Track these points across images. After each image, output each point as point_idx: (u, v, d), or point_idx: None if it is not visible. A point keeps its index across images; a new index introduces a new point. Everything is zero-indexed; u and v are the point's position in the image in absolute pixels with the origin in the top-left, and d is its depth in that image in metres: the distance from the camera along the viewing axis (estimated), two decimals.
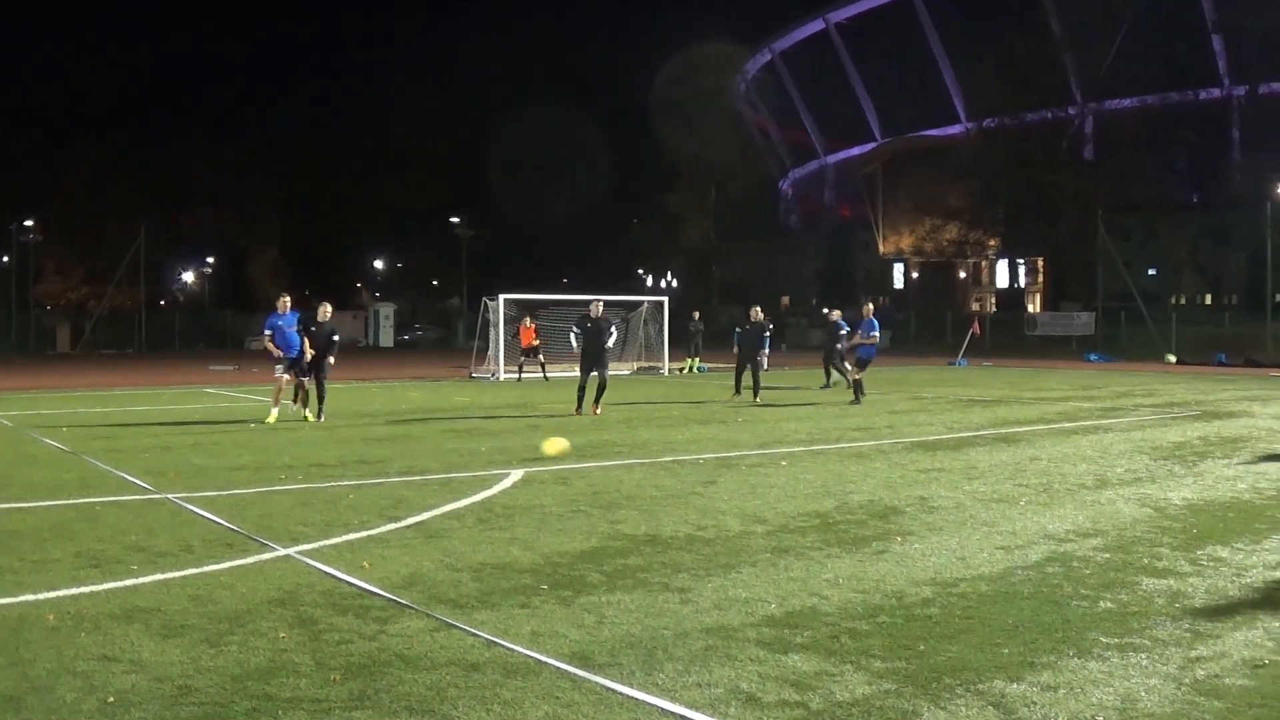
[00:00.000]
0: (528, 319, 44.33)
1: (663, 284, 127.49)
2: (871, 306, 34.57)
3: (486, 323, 46.53)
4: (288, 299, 26.33)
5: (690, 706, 7.04)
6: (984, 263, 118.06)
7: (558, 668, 7.80)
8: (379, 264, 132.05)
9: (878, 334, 33.10)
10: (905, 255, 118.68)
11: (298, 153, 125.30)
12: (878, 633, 8.67)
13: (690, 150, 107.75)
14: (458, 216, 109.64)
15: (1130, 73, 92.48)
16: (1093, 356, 72.61)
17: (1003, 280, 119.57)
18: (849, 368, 34.05)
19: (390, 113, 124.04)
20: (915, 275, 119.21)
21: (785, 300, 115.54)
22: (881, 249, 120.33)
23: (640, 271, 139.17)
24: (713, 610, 9.28)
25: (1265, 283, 73.38)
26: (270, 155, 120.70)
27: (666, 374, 48.65)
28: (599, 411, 27.47)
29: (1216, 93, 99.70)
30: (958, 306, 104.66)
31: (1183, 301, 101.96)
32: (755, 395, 31.91)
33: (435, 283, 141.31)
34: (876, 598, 9.70)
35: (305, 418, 26.05)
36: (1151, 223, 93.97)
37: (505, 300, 45.60)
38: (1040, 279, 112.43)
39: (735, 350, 32.74)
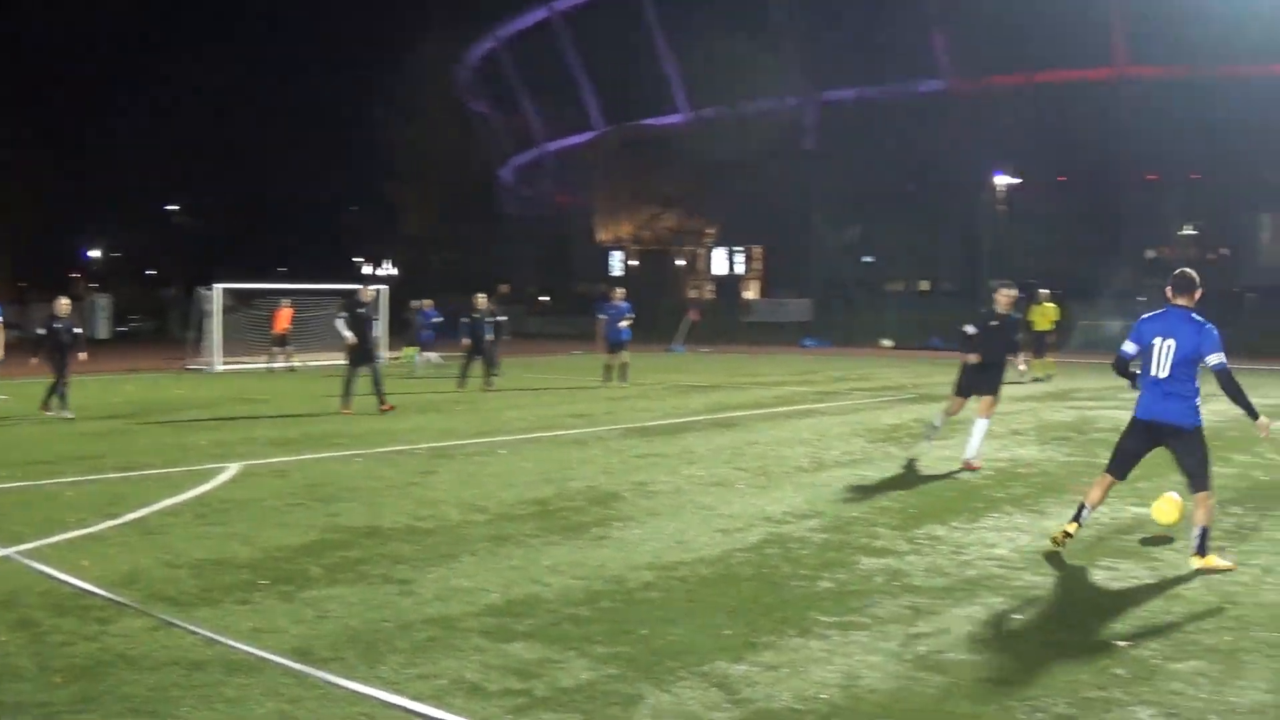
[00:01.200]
0: (285, 302, 42.99)
1: (379, 272, 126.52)
2: (623, 291, 34.64)
3: (203, 313, 45.57)
4: None
5: (415, 698, 6.99)
6: (701, 250, 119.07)
7: (280, 664, 7.68)
8: (95, 253, 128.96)
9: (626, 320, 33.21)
10: (624, 243, 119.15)
11: (7, 139, 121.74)
12: (599, 618, 8.68)
13: (410, 137, 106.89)
14: (175, 205, 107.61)
15: (850, 64, 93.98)
16: (809, 342, 73.67)
17: (720, 268, 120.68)
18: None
19: (103, 100, 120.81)
20: (634, 263, 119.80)
21: (504, 288, 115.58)
22: (600, 237, 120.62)
23: (358, 260, 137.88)
24: (434, 601, 9.21)
25: (979, 270, 75.14)
26: None
27: (385, 363, 48.24)
28: (388, 408, 25.46)
29: (936, 85, 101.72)
30: (675, 294, 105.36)
31: (899, 288, 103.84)
32: (487, 381, 31.83)
33: (153, 272, 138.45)
34: (597, 583, 9.71)
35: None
36: (868, 211, 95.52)
37: (222, 290, 44.55)
38: (757, 266, 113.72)
39: (465, 340, 32.51)
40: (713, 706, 6.85)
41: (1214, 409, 12.32)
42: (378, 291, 27.47)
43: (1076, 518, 11.44)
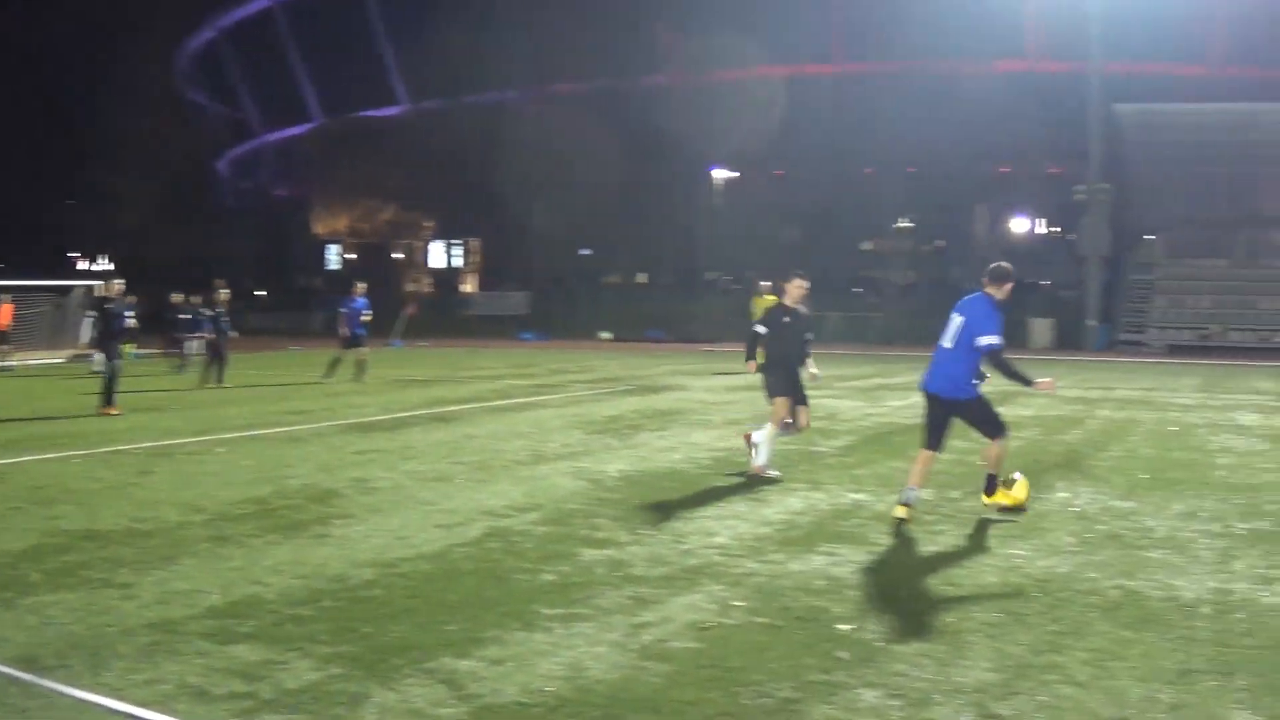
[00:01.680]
0: (6, 298, 41.15)
1: (94, 267, 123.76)
2: (364, 286, 34.33)
3: None
4: None
5: (140, 704, 6.81)
6: (420, 244, 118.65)
7: (4, 673, 7.41)
8: None
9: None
10: (342, 236, 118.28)
11: None
12: (322, 617, 8.56)
13: (126, 128, 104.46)
14: None
15: (572, 56, 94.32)
16: (527, 335, 73.88)
17: (439, 261, 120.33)
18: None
19: None
20: (351, 256, 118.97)
21: (220, 283, 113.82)
22: (319, 230, 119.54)
23: (74, 255, 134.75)
24: (155, 605, 8.98)
25: (697, 262, 76.00)
26: None
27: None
28: (116, 411, 24.95)
29: (659, 78, 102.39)
30: (393, 288, 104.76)
31: (617, 280, 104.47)
32: (219, 379, 31.36)
33: None
34: (319, 582, 9.57)
35: None
36: (586, 203, 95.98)
37: None
38: (476, 259, 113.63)
39: (206, 336, 31.98)
40: (439, 703, 6.80)
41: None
42: (121, 284, 26.65)
43: (991, 488, 12.78)
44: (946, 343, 12.43)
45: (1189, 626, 8.56)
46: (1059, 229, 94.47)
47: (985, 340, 12.14)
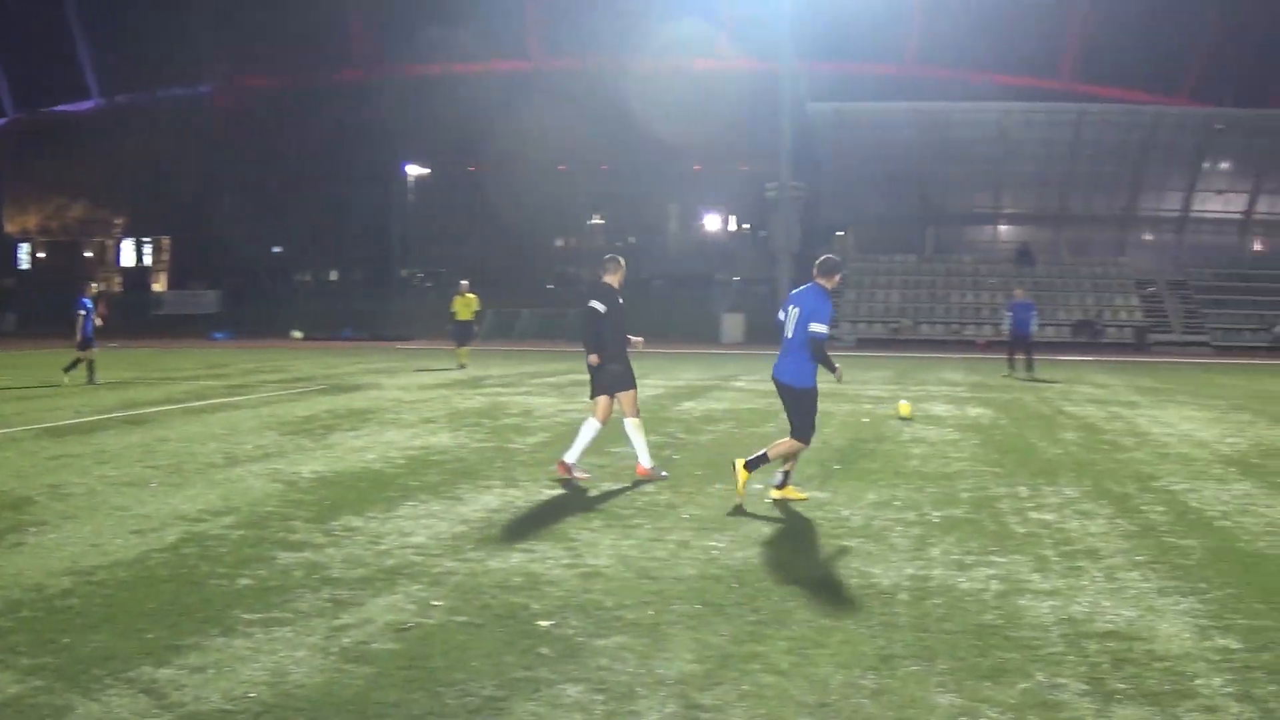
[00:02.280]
0: None
1: None
2: (96, 286, 33.53)
3: None
4: None
5: None
6: (110, 242, 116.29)
7: None
8: None
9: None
10: (31, 235, 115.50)
11: None
12: (20, 629, 8.33)
13: None
14: None
15: (266, 51, 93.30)
16: (219, 335, 72.83)
17: (129, 259, 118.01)
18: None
19: None
20: (41, 255, 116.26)
21: None
22: (7, 228, 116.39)
23: None
24: None
25: (391, 259, 75.70)
26: None
27: None
28: None
29: (354, 73, 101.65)
30: (81, 287, 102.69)
31: (309, 278, 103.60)
32: None
33: None
34: (15, 592, 9.31)
35: None
36: (278, 200, 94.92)
37: None
38: (166, 258, 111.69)
39: None
40: (142, 713, 6.66)
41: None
42: None
43: (782, 484, 13.49)
44: (789, 333, 13.31)
45: (888, 613, 8.78)
46: (749, 226, 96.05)
47: (814, 328, 12.93)
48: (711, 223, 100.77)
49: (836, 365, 13.13)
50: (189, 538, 11.36)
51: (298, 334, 70.42)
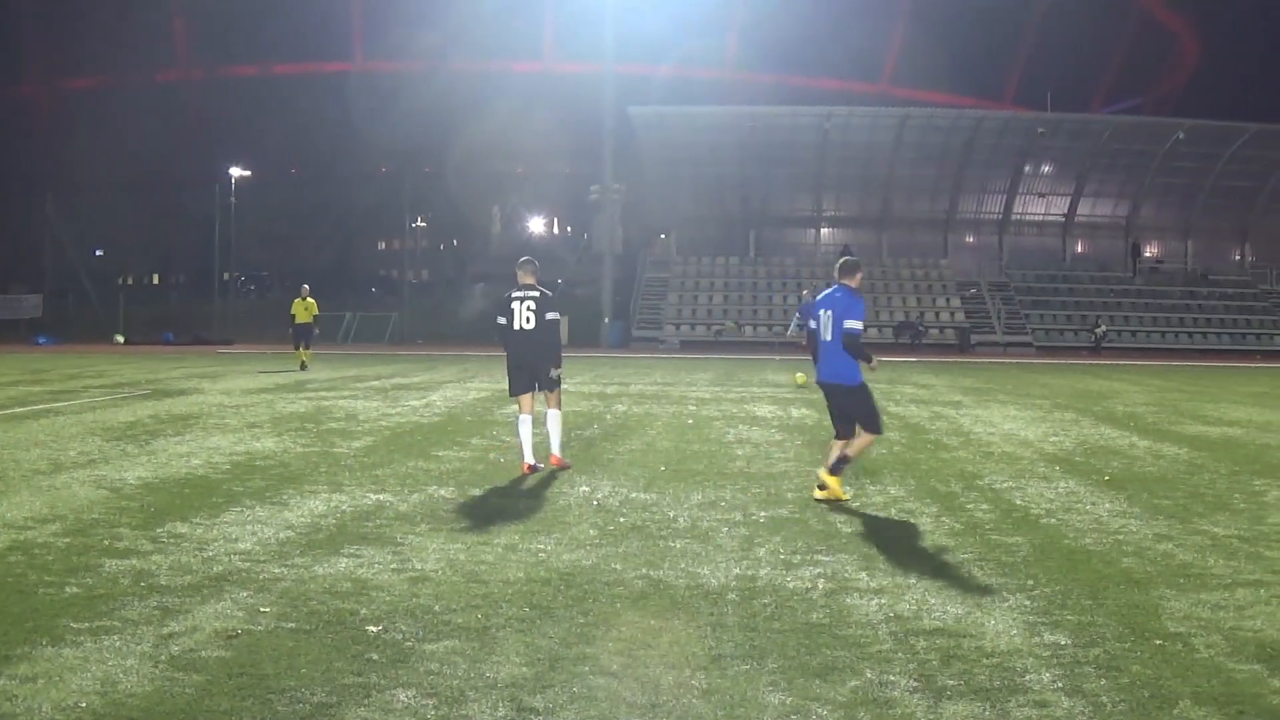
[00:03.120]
0: None
1: None
2: None
3: None
4: None
5: None
6: None
7: None
8: None
9: None
10: None
11: None
12: None
13: None
14: None
15: (90, 50, 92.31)
16: (42, 340, 71.76)
17: None
18: None
19: None
20: None
21: None
22: None
23: None
24: None
25: (213, 262, 74.98)
26: None
27: None
28: None
29: (176, 73, 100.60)
30: None
31: (130, 281, 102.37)
32: None
33: None
34: None
35: None
36: (104, 202, 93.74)
37: None
38: None
39: None
40: None
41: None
42: None
43: (837, 468, 13.83)
44: (826, 336, 13.93)
45: (716, 613, 8.84)
46: (571, 228, 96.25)
47: (849, 324, 13.55)
48: (534, 225, 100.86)
49: (872, 357, 13.87)
50: (15, 545, 11.17)
51: (120, 338, 69.55)
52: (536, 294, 15.91)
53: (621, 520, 12.46)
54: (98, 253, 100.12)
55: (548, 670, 7.45)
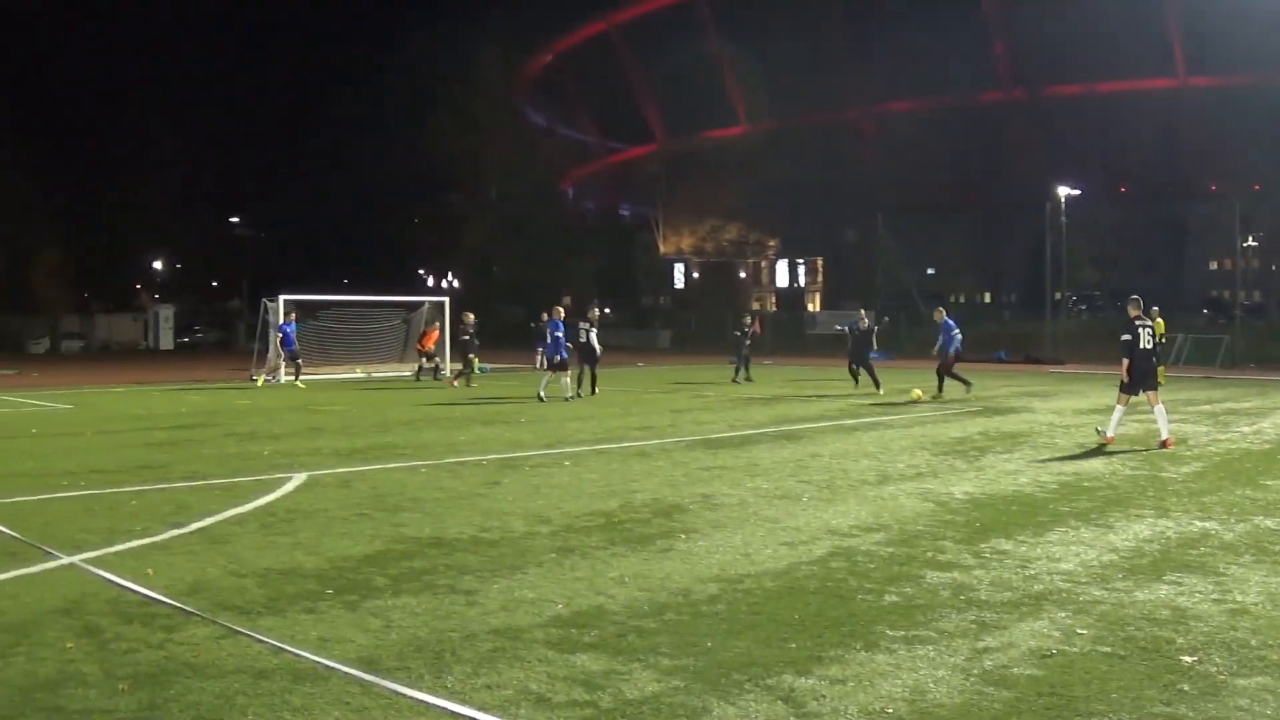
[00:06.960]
0: (435, 323, 44.90)
1: (444, 284, 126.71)
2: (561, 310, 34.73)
3: (266, 324, 45.49)
4: None
5: (480, 708, 6.99)
6: (764, 262, 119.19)
7: (346, 673, 7.68)
8: (158, 265, 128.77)
9: None
10: (686, 255, 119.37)
11: (78, 151, 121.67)
12: (665, 630, 8.66)
13: (469, 149, 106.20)
14: (237, 217, 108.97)
15: (908, 75, 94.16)
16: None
17: (783, 280, 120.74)
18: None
19: (165, 111, 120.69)
20: (696, 275, 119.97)
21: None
22: (662, 249, 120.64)
23: (421, 272, 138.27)
24: (500, 612, 9.20)
25: (1043, 281, 74.98)
26: (48, 155, 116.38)
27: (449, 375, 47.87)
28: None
29: (997, 95, 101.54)
30: (738, 306, 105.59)
31: (962, 300, 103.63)
32: (592, 390, 32.57)
33: (215, 284, 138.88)
34: (663, 595, 9.68)
35: None
36: (931, 222, 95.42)
37: (285, 301, 43.93)
38: (819, 278, 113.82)
39: (539, 349, 32.81)
40: None
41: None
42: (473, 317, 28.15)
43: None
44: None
45: None
46: None
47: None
48: None
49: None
50: (838, 551, 11.54)
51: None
52: None
53: None
54: (929, 271, 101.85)
55: None
